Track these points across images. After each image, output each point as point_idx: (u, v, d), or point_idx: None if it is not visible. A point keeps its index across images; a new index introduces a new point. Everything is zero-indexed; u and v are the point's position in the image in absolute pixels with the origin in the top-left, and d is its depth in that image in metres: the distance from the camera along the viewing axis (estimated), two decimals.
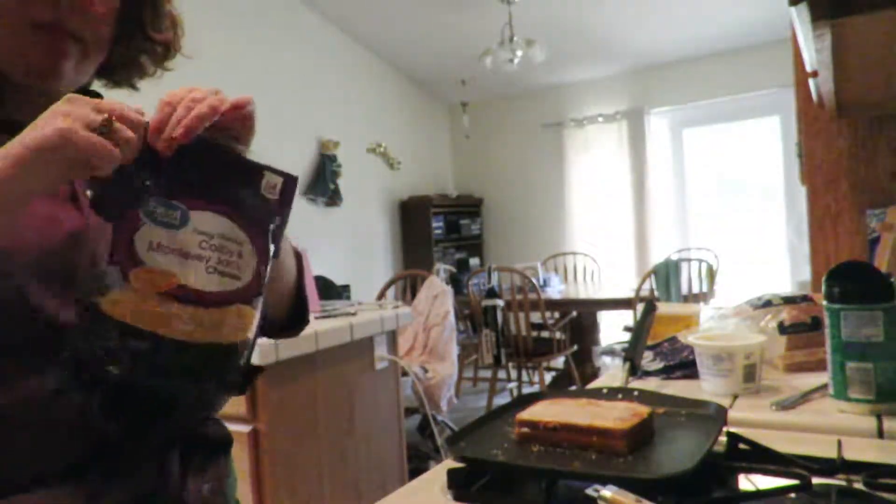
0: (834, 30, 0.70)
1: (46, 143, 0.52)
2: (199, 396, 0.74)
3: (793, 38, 1.35)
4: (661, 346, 1.22)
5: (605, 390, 0.93)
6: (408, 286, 3.98)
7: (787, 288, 4.54)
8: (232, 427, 1.94)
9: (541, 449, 0.73)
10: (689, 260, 4.05)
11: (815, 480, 0.64)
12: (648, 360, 1.19)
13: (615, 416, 0.73)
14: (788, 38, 1.51)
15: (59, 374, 0.61)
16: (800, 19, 0.66)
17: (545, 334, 4.13)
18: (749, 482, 0.70)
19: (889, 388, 0.85)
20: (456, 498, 0.70)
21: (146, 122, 0.59)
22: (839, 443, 0.73)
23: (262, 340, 1.78)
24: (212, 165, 0.63)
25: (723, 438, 0.75)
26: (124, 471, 0.67)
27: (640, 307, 1.12)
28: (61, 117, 0.53)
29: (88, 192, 0.65)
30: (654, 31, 4.90)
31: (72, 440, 0.63)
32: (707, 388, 1.02)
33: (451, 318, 3.32)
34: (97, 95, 0.77)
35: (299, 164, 4.67)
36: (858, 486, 0.65)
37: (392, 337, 2.29)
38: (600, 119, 5.73)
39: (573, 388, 3.81)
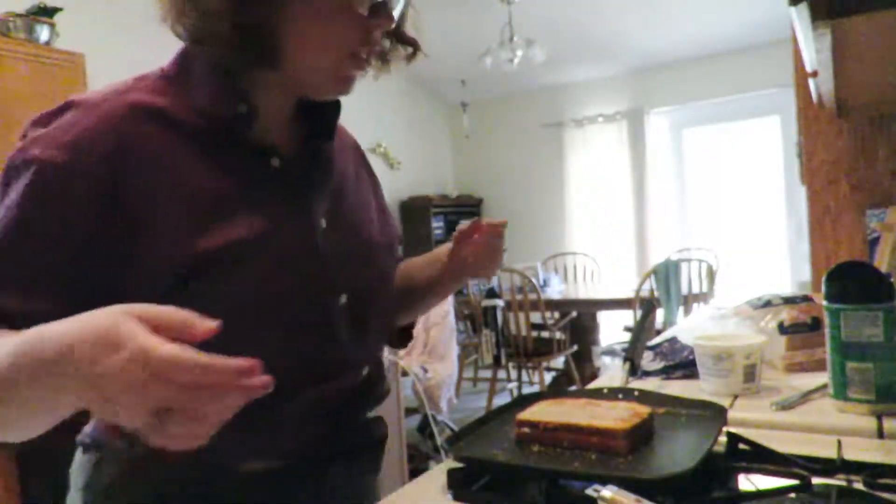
0: (834, 30, 0.70)
1: None
2: None
3: (793, 38, 1.35)
4: (661, 346, 1.23)
5: (605, 390, 0.93)
6: None
7: (787, 288, 4.54)
8: None
9: (541, 449, 0.73)
10: (689, 260, 4.05)
11: (815, 480, 0.64)
12: (648, 360, 1.19)
13: (615, 416, 0.73)
14: (788, 38, 1.51)
15: None
16: (800, 19, 0.66)
17: (545, 334, 4.13)
18: (749, 482, 0.70)
19: (889, 388, 0.85)
20: (456, 498, 0.70)
21: None
22: (839, 443, 0.73)
23: None
24: None
25: (723, 438, 0.75)
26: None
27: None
28: None
29: None
30: (654, 31, 4.90)
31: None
32: (707, 388, 1.02)
33: (451, 318, 3.32)
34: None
35: None
36: (858, 486, 0.65)
37: None
38: (600, 119, 5.72)
39: (573, 388, 3.81)
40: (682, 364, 1.14)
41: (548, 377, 4.49)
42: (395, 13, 0.72)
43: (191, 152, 0.67)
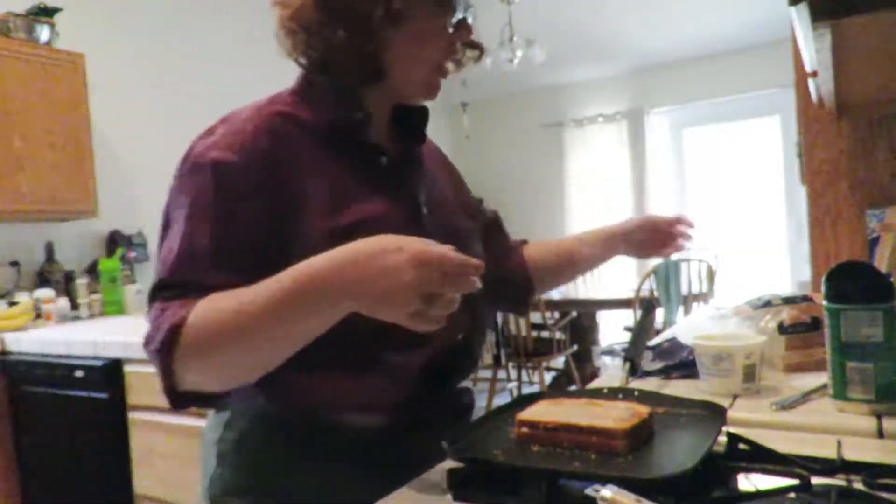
0: (834, 30, 0.70)
1: None
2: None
3: (793, 38, 1.35)
4: (661, 346, 1.23)
5: (605, 390, 0.93)
6: None
7: (787, 288, 4.54)
8: None
9: (541, 449, 0.73)
10: (688, 260, 4.05)
11: (815, 480, 0.64)
12: (648, 360, 1.19)
13: (615, 416, 0.73)
14: (788, 38, 1.51)
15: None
16: (800, 19, 0.66)
17: (545, 334, 4.13)
18: (749, 482, 0.70)
19: (889, 388, 0.85)
20: (456, 498, 0.70)
21: None
22: (839, 443, 0.73)
23: None
24: None
25: (723, 438, 0.75)
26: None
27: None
28: None
29: None
30: (654, 31, 4.90)
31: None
32: (707, 388, 1.02)
33: None
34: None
35: None
36: (858, 486, 0.65)
37: None
38: (600, 119, 5.72)
39: (573, 388, 3.81)
40: (682, 364, 1.14)
41: (548, 377, 4.49)
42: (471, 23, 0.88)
43: (323, 151, 0.83)
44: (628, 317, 4.83)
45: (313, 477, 0.82)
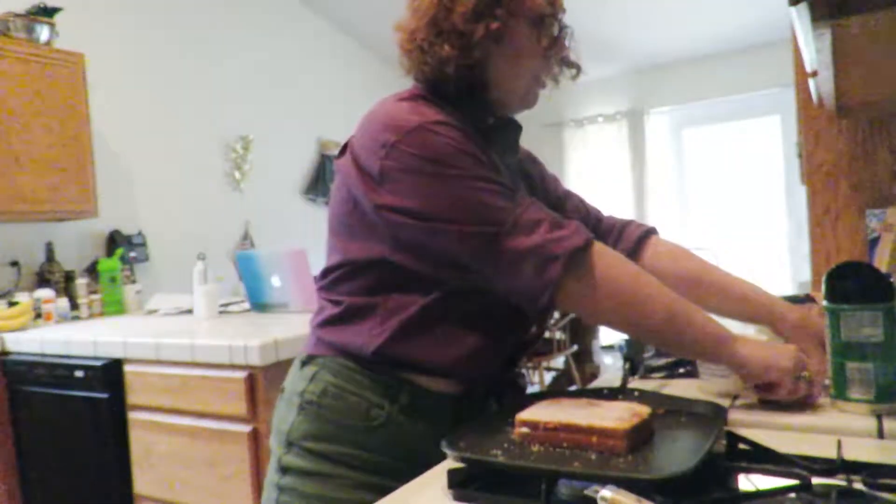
0: (834, 30, 0.70)
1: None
2: None
3: (793, 38, 1.35)
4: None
5: (605, 390, 0.93)
6: None
7: (787, 288, 4.53)
8: (232, 427, 1.94)
9: (541, 449, 0.73)
10: None
11: (815, 480, 0.64)
12: (649, 360, 1.19)
13: (615, 416, 0.73)
14: (788, 38, 1.51)
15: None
16: (800, 19, 0.66)
17: (545, 334, 4.13)
18: (749, 482, 0.70)
19: (889, 388, 0.85)
20: (456, 498, 0.70)
21: None
22: (839, 443, 0.73)
23: (265, 341, 1.78)
24: None
25: (723, 439, 0.75)
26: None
27: None
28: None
29: None
30: (654, 31, 4.90)
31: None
32: (707, 388, 1.02)
33: None
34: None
35: (299, 164, 4.66)
36: (858, 486, 0.65)
37: None
38: (600, 119, 5.72)
39: (573, 388, 3.81)
40: (683, 364, 1.14)
41: (548, 377, 4.49)
42: (567, 43, 0.99)
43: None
44: None
45: (388, 432, 0.91)
